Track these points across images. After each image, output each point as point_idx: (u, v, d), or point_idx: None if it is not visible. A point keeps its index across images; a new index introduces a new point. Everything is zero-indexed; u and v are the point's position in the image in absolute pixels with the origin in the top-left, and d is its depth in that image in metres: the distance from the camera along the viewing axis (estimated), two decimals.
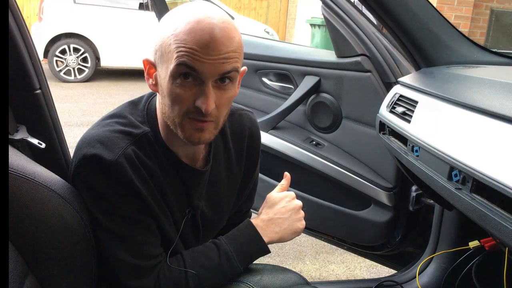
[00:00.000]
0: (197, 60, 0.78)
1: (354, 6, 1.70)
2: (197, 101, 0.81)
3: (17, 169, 0.80)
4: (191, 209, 0.99)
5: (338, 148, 1.85)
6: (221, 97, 0.84)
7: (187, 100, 0.82)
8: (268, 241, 1.01)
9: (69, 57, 6.87)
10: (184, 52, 0.78)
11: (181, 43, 0.79)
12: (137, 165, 0.87)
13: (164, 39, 0.81)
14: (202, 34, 0.78)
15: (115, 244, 0.88)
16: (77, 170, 0.88)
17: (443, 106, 1.06)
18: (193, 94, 0.82)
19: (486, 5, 6.55)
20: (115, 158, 0.84)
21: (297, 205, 1.07)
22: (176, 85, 0.81)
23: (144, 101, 0.96)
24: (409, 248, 1.82)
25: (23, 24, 0.96)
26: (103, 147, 0.85)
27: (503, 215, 0.74)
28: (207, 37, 0.78)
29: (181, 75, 0.80)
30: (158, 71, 0.86)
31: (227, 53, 0.80)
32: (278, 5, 10.97)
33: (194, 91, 0.82)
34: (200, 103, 0.81)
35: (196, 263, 0.95)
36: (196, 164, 0.98)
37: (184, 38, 0.79)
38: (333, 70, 1.79)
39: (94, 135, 0.88)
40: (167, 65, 0.81)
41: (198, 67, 0.79)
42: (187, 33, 0.79)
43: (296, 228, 1.05)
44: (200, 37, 0.78)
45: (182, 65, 0.79)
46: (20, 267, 0.79)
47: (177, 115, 0.84)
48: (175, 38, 0.79)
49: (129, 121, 0.91)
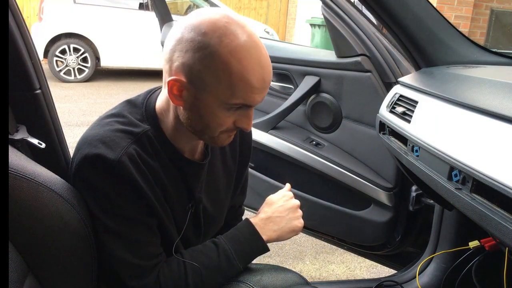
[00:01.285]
0: (256, 97, 0.84)
1: (354, 6, 1.70)
2: (240, 123, 0.88)
3: (17, 169, 0.80)
4: (194, 202, 1.00)
5: (338, 148, 1.85)
6: None
7: (230, 122, 0.87)
8: (266, 239, 1.02)
9: (69, 57, 6.87)
10: (245, 93, 0.82)
11: (241, 82, 0.81)
12: (139, 164, 0.87)
13: (213, 70, 0.80)
14: (262, 72, 0.82)
15: (116, 244, 0.88)
16: (78, 170, 0.87)
17: (443, 106, 1.06)
18: (235, 116, 0.87)
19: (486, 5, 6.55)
20: (117, 157, 0.84)
21: (295, 204, 1.10)
22: (223, 112, 0.85)
23: (142, 100, 0.96)
24: (409, 248, 1.82)
25: (23, 24, 0.96)
26: (105, 146, 0.85)
27: (503, 215, 0.74)
28: (263, 71, 0.83)
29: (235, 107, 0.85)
30: (192, 92, 0.83)
31: (270, 82, 0.87)
32: (278, 5, 10.97)
33: (237, 114, 0.87)
34: (244, 125, 0.88)
35: (196, 262, 0.95)
36: (195, 158, 1.00)
37: (244, 77, 0.80)
38: (333, 70, 1.79)
39: (95, 135, 0.88)
40: (218, 95, 0.82)
41: (255, 102, 0.85)
42: (246, 70, 0.80)
43: (294, 226, 1.07)
44: (260, 75, 0.82)
45: (245, 105, 0.85)
46: (20, 267, 0.79)
47: (213, 132, 0.89)
48: (234, 75, 0.80)
49: (129, 120, 0.92)
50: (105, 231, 0.88)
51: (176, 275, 0.93)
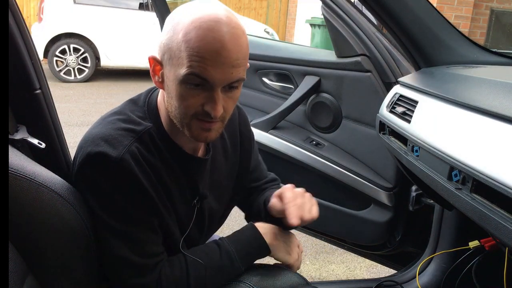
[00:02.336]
0: (208, 70, 0.80)
1: (354, 6, 1.70)
2: (206, 106, 0.83)
3: (17, 169, 0.80)
4: (199, 198, 1.01)
5: (338, 148, 1.85)
6: (228, 100, 0.86)
7: (195, 104, 0.84)
8: (269, 243, 1.02)
9: (69, 57, 6.87)
10: (195, 62, 0.79)
11: (193, 51, 0.79)
12: (141, 161, 0.87)
13: (174, 43, 0.82)
14: (214, 42, 0.79)
15: (118, 242, 0.88)
16: (81, 168, 0.88)
17: (443, 106, 1.06)
18: (201, 99, 0.84)
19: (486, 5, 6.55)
20: (120, 155, 0.85)
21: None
22: (185, 89, 0.83)
23: (144, 98, 0.97)
24: (409, 248, 1.82)
25: (23, 24, 0.96)
26: (107, 144, 0.85)
27: (503, 215, 0.74)
28: (219, 46, 0.79)
29: (190, 81, 0.82)
30: (165, 71, 0.86)
31: (237, 60, 0.82)
32: (278, 5, 10.97)
33: (202, 96, 0.83)
34: (209, 108, 0.83)
35: (198, 263, 0.95)
36: (197, 154, 1.00)
37: (196, 46, 0.79)
38: (333, 70, 1.79)
39: (98, 133, 0.88)
40: (176, 69, 0.82)
41: (209, 76, 0.80)
42: (199, 41, 0.79)
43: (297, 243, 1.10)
44: (212, 46, 0.79)
45: (193, 75, 0.80)
46: (20, 267, 0.79)
47: (184, 117, 0.86)
48: (187, 44, 0.79)
49: (131, 118, 0.92)
50: (106, 229, 0.88)
51: (177, 275, 0.93)
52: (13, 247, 0.79)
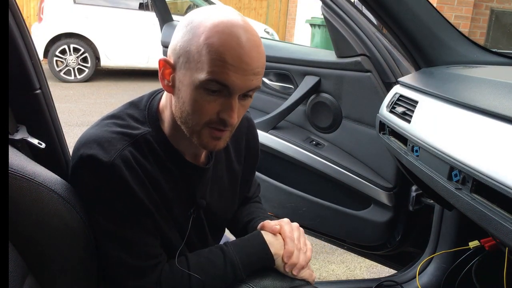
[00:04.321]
0: (230, 75, 0.78)
1: (354, 6, 1.70)
2: (222, 114, 0.82)
3: (17, 169, 0.80)
4: (196, 207, 0.99)
5: (338, 148, 1.85)
6: (241, 108, 0.85)
7: (211, 111, 0.82)
8: (275, 253, 1.00)
9: (69, 57, 6.86)
10: (218, 67, 0.77)
11: (216, 56, 0.77)
12: (133, 166, 0.86)
13: (193, 45, 0.79)
14: (237, 48, 0.77)
15: (113, 244, 0.88)
16: (74, 170, 0.88)
17: (443, 106, 1.06)
18: (217, 106, 0.82)
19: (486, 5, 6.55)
20: (111, 160, 0.84)
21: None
22: (201, 95, 0.81)
23: (145, 101, 0.96)
24: (409, 248, 1.82)
25: (23, 24, 0.96)
26: (99, 148, 0.85)
27: (503, 215, 0.74)
28: (243, 52, 0.78)
29: (209, 87, 0.80)
30: (177, 75, 0.84)
31: (257, 68, 0.81)
32: (278, 5, 10.97)
33: (219, 102, 0.82)
34: (226, 116, 0.82)
35: (201, 269, 0.94)
36: (198, 162, 0.98)
37: (219, 51, 0.77)
38: (333, 70, 1.79)
39: (92, 136, 0.88)
40: (194, 73, 0.80)
41: (230, 82, 0.79)
42: (222, 45, 0.77)
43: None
44: (235, 51, 0.77)
45: (214, 81, 0.79)
46: (20, 267, 0.79)
47: (196, 124, 0.84)
48: (209, 49, 0.77)
49: (128, 122, 0.91)
50: (102, 231, 0.88)
51: (178, 278, 0.93)
52: (13, 247, 0.79)
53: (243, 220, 1.14)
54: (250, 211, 1.17)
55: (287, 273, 1.01)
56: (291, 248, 0.99)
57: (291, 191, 1.94)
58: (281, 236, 1.01)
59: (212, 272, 0.95)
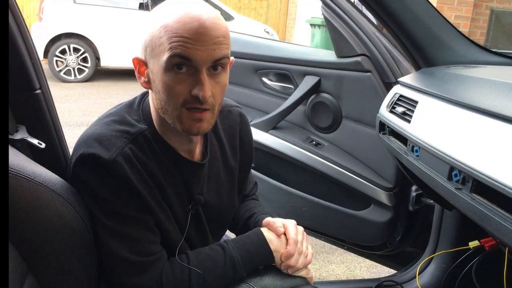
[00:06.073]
0: (190, 48, 0.80)
1: (354, 6, 1.70)
2: (194, 90, 0.83)
3: (17, 169, 0.80)
4: (194, 204, 1.00)
5: (338, 148, 1.85)
6: (215, 85, 0.86)
7: (183, 91, 0.83)
8: (274, 249, 1.01)
9: (69, 57, 6.87)
10: (176, 42, 0.80)
11: (172, 33, 0.80)
12: (134, 163, 0.87)
13: (154, 33, 0.83)
14: (191, 21, 0.80)
15: (114, 242, 0.89)
16: (75, 169, 0.88)
17: (443, 106, 1.06)
18: (188, 85, 0.83)
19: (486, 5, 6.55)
20: (112, 157, 0.85)
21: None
22: (170, 77, 0.82)
23: (138, 101, 0.98)
24: (409, 248, 1.82)
25: (23, 24, 0.96)
26: (100, 146, 0.86)
27: (503, 215, 0.74)
28: (197, 24, 0.80)
29: (174, 66, 0.81)
30: (149, 67, 0.87)
31: (218, 38, 0.82)
32: (278, 5, 10.97)
33: (189, 81, 0.83)
34: (197, 91, 0.82)
35: (201, 265, 0.95)
36: (194, 158, 0.99)
37: (174, 28, 0.80)
38: (333, 70, 1.79)
39: (92, 134, 0.88)
40: (159, 58, 0.82)
41: (191, 55, 0.80)
42: (176, 22, 0.80)
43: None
44: (190, 25, 0.80)
45: (176, 56, 0.80)
46: (20, 267, 0.79)
47: (174, 108, 0.85)
48: (165, 29, 0.81)
49: (126, 120, 0.92)
50: (103, 229, 0.89)
51: (179, 275, 0.93)
52: (13, 247, 0.79)
53: (243, 217, 1.15)
54: (249, 207, 1.18)
55: (283, 270, 1.02)
56: (292, 250, 1.00)
57: (291, 191, 1.94)
58: (285, 236, 1.02)
59: (212, 268, 0.95)
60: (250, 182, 1.23)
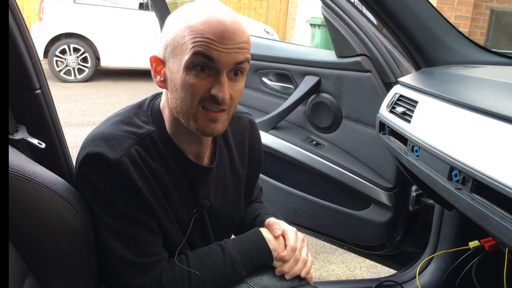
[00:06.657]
0: (213, 49, 0.81)
1: (354, 6, 1.70)
2: (213, 90, 0.83)
3: (17, 169, 0.80)
4: (199, 208, 1.00)
5: (338, 148, 1.85)
6: (233, 88, 0.86)
7: (202, 89, 0.84)
8: (273, 248, 1.01)
9: (69, 57, 6.86)
10: (200, 42, 0.81)
11: (197, 34, 0.81)
12: (139, 164, 0.88)
13: (177, 33, 0.83)
14: (217, 25, 0.81)
15: (115, 241, 0.89)
16: (80, 167, 0.88)
17: (443, 106, 1.06)
18: (208, 83, 0.84)
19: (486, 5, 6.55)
20: (117, 157, 0.85)
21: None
22: (191, 76, 0.83)
23: (148, 102, 0.98)
24: (409, 248, 1.82)
25: (23, 24, 0.96)
26: (106, 145, 0.86)
27: (503, 215, 0.74)
28: (223, 28, 0.82)
29: (196, 66, 0.82)
30: (168, 66, 0.87)
31: (241, 43, 0.84)
32: (278, 5, 10.97)
33: (209, 80, 0.84)
34: (216, 91, 0.83)
35: (200, 265, 0.95)
36: (201, 162, 0.99)
37: (200, 29, 0.81)
38: (333, 70, 1.79)
39: (99, 134, 0.89)
40: (181, 57, 0.83)
41: (214, 56, 0.81)
42: (202, 24, 0.81)
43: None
44: (215, 28, 0.81)
45: (199, 55, 0.81)
46: (20, 267, 0.79)
47: (191, 106, 0.85)
48: (190, 29, 0.82)
49: (134, 121, 0.93)
50: (105, 228, 0.89)
51: (178, 275, 0.93)
52: (13, 247, 0.79)
53: (249, 218, 1.15)
54: (254, 208, 1.18)
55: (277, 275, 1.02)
56: (288, 256, 1.01)
57: (291, 191, 1.94)
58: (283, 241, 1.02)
59: (212, 267, 0.95)
60: (256, 188, 1.23)
